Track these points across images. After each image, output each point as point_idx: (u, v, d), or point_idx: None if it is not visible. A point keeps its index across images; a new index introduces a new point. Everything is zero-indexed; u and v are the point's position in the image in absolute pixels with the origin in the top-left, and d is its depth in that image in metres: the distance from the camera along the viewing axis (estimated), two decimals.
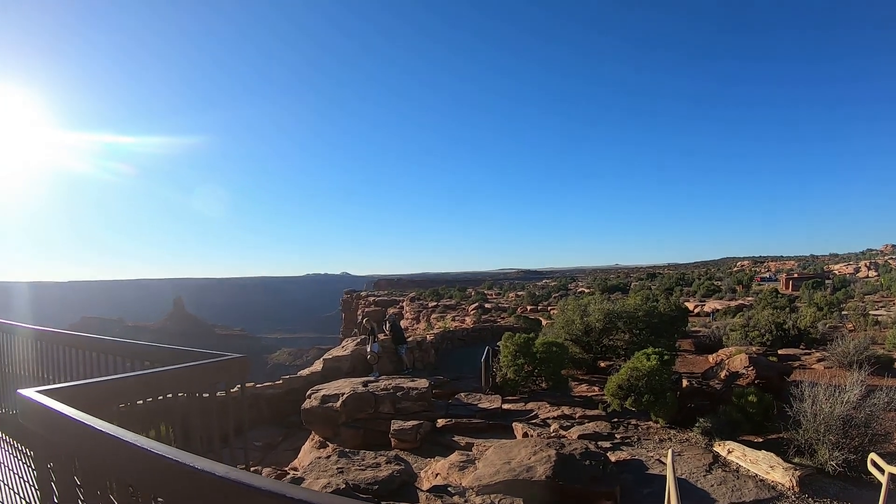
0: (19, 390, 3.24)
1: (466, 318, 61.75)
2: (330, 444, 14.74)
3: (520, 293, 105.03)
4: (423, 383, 16.00)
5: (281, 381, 21.61)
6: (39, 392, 3.15)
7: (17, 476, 7.07)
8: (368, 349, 22.07)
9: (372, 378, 17.74)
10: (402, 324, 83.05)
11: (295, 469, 14.18)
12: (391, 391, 15.20)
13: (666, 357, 15.50)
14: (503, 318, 60.31)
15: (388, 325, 24.56)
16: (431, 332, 37.89)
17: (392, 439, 13.50)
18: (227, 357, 4.76)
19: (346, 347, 26.32)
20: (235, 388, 5.07)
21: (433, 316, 71.40)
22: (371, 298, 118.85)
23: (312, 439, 15.90)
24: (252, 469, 5.49)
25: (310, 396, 15.60)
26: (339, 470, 9.38)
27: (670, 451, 8.60)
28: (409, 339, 27.26)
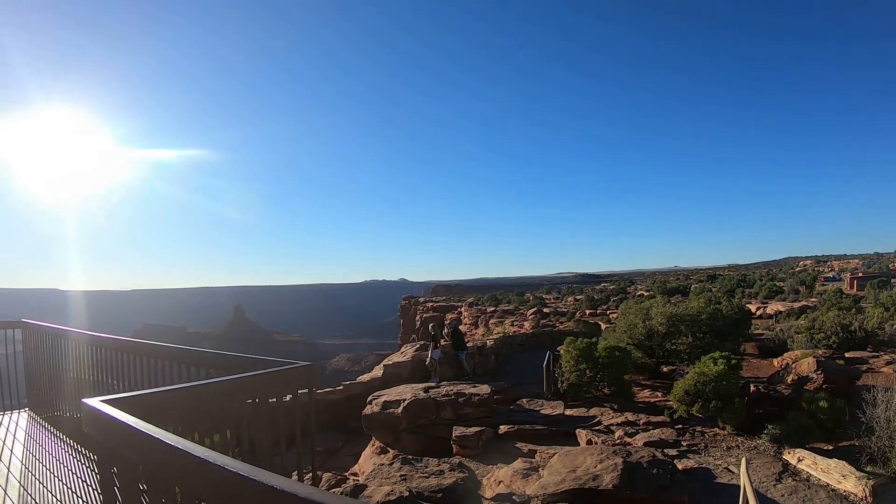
0: (84, 399, 3.07)
1: (525, 323, 61.28)
2: (390, 450, 14.68)
3: (578, 297, 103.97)
4: (484, 389, 15.85)
5: (341, 387, 21.68)
6: (104, 402, 3.04)
7: (78, 479, 7.12)
8: (429, 355, 21.94)
9: (433, 384, 17.65)
10: (461, 329, 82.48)
11: (356, 475, 14.18)
12: (453, 397, 15.07)
13: (733, 361, 15.07)
14: (562, 322, 59.73)
15: (448, 331, 24.39)
16: (491, 337, 37.61)
17: (454, 446, 13.33)
18: (296, 365, 4.66)
19: (406, 353, 26.21)
20: (301, 393, 5.00)
21: (491, 321, 70.97)
22: (429, 304, 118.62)
23: (373, 445, 15.88)
24: (313, 474, 5.38)
25: (371, 402, 15.59)
26: (403, 477, 9.30)
27: (743, 460, 8.31)
28: (469, 344, 27.06)
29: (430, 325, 24.86)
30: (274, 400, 4.49)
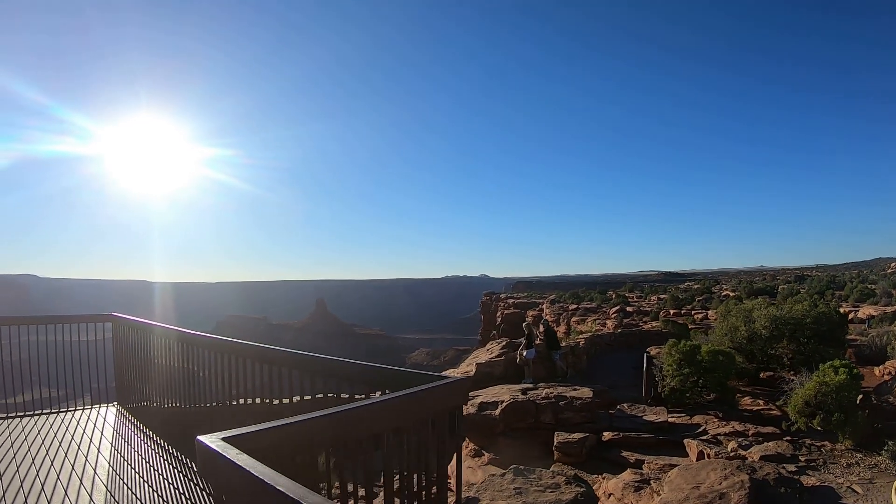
0: (199, 437, 2.58)
1: (608, 322, 59.89)
2: (485, 453, 14.16)
3: (662, 296, 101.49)
4: (586, 392, 15.11)
5: None
6: (224, 441, 2.56)
7: (166, 482, 6.85)
8: (523, 354, 21.38)
9: (529, 385, 17.08)
10: (542, 327, 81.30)
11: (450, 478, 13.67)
12: (553, 400, 14.43)
13: (855, 371, 14.06)
14: (645, 322, 58.34)
15: (542, 330, 23.74)
16: (581, 336, 36.68)
17: (555, 452, 12.74)
18: (450, 380, 4.05)
19: (493, 350, 25.68)
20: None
21: (573, 319, 69.71)
22: (510, 301, 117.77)
23: (466, 447, 15.38)
24: None
25: (466, 403, 15.12)
26: (517, 490, 8.72)
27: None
28: (563, 344, 26.35)
29: (525, 323, 24.28)
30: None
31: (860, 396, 14.57)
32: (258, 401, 6.16)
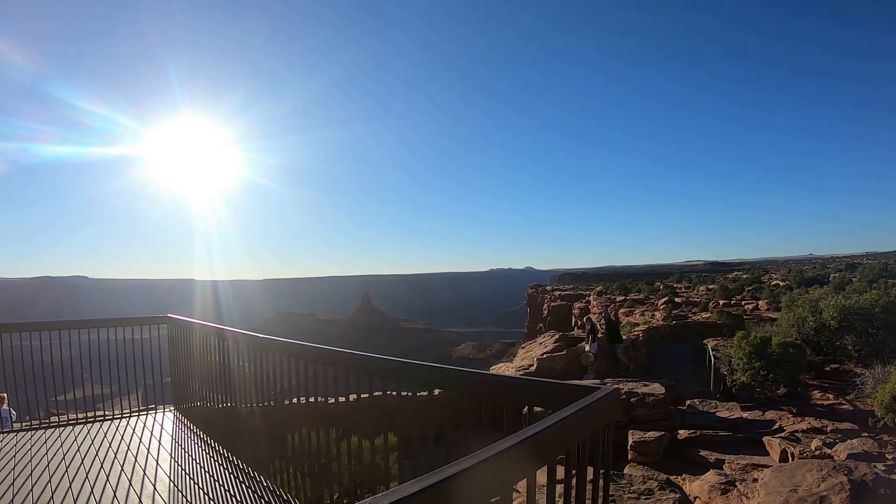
0: None
1: (656, 313, 59.10)
2: None
3: (710, 286, 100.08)
4: (658, 388, 14.54)
5: None
6: None
7: (228, 495, 6.63)
8: (587, 349, 21.01)
9: (595, 380, 16.65)
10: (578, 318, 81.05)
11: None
12: (624, 397, 13.93)
13: None
14: (694, 313, 57.43)
15: (603, 323, 23.32)
16: (638, 328, 36.05)
17: (630, 452, 12.32)
18: (602, 393, 3.43)
19: (546, 344, 25.28)
20: None
21: (621, 311, 68.92)
22: (556, 293, 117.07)
23: None
24: None
25: None
26: (612, 500, 8.35)
27: None
28: (624, 337, 25.86)
29: (587, 317, 23.94)
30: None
31: None
32: (311, 400, 5.80)
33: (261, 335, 6.83)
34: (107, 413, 10.55)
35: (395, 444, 9.09)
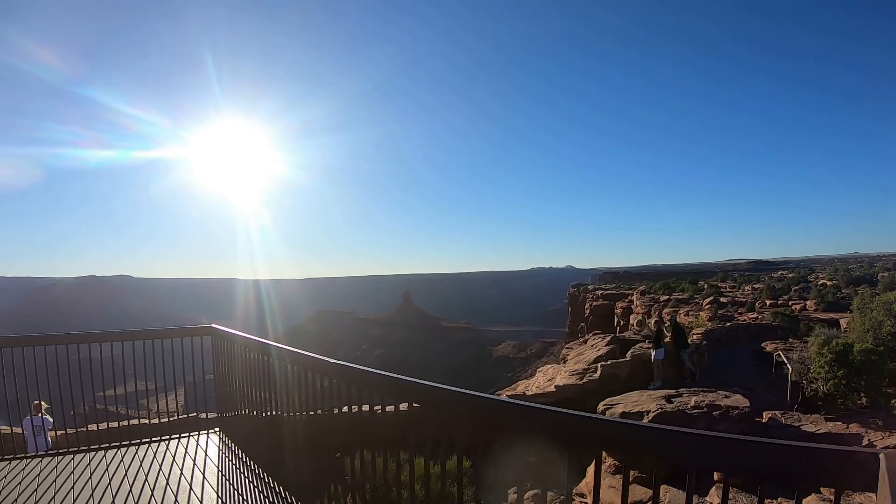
0: None
1: (701, 314, 57.91)
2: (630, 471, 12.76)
3: (756, 286, 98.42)
4: (741, 401, 13.41)
5: (554, 389, 19.92)
6: None
7: None
8: (653, 354, 19.98)
9: (672, 390, 15.58)
10: (632, 318, 79.48)
11: (582, 495, 12.33)
12: (705, 410, 12.80)
13: None
14: (741, 313, 56.17)
15: (669, 326, 22.14)
16: (696, 331, 34.69)
17: (714, 472, 11.30)
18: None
19: (598, 346, 24.56)
20: None
21: (665, 311, 67.78)
22: (598, 292, 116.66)
23: (605, 461, 13.95)
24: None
25: (604, 412, 13.57)
26: None
27: None
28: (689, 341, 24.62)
29: (654, 320, 22.95)
30: None
31: None
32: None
33: (308, 353, 6.08)
34: (151, 420, 10.30)
35: (468, 468, 8.19)
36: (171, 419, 10.56)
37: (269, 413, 7.23)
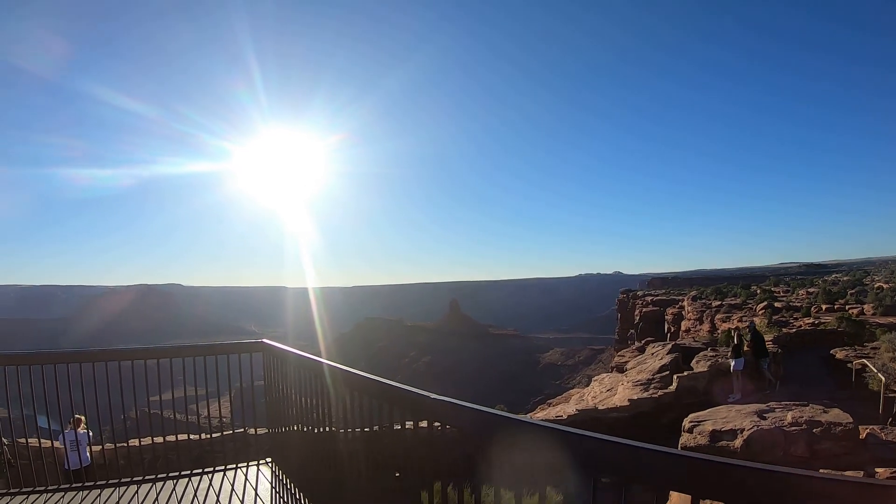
0: None
1: (755, 319, 56.19)
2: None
3: (811, 290, 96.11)
4: (843, 416, 12.11)
5: (628, 403, 18.80)
6: None
7: None
8: (731, 364, 18.89)
9: (761, 404, 14.40)
10: (684, 325, 78.02)
11: None
12: (804, 427, 11.59)
13: None
14: (795, 318, 54.30)
15: (748, 335, 20.89)
16: (768, 340, 33.22)
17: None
18: None
19: (660, 356, 23.49)
20: None
21: (717, 316, 66.36)
22: (648, 298, 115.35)
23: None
24: None
25: (691, 430, 12.38)
26: None
27: None
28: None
29: (733, 328, 21.80)
30: None
31: None
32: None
33: (369, 375, 5.03)
34: (201, 435, 10.33)
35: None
36: (223, 434, 10.60)
37: (322, 431, 6.35)
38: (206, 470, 8.59)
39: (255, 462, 8.79)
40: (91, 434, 11.92)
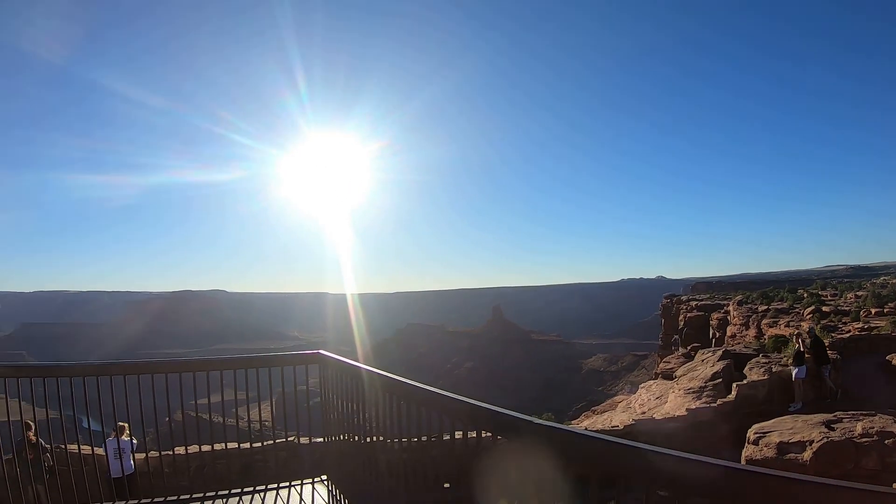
0: None
1: (802, 324, 54.92)
2: None
3: (859, 293, 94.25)
4: None
5: (685, 413, 18.32)
6: None
7: None
8: (794, 372, 18.34)
9: (828, 414, 13.93)
10: (729, 330, 76.51)
11: None
12: (876, 438, 11.09)
13: None
14: (844, 322, 53.12)
15: (808, 342, 20.27)
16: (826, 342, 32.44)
17: None
18: None
19: (710, 362, 22.96)
20: None
21: (764, 321, 65.24)
22: (692, 303, 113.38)
23: None
24: None
25: (756, 442, 11.89)
26: None
27: None
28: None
29: (796, 335, 21.11)
30: None
31: None
32: None
33: (440, 391, 4.74)
34: (253, 444, 10.02)
35: None
36: (274, 442, 10.79)
37: (378, 443, 6.24)
38: (257, 488, 8.28)
39: (310, 479, 8.47)
40: (135, 442, 11.91)
